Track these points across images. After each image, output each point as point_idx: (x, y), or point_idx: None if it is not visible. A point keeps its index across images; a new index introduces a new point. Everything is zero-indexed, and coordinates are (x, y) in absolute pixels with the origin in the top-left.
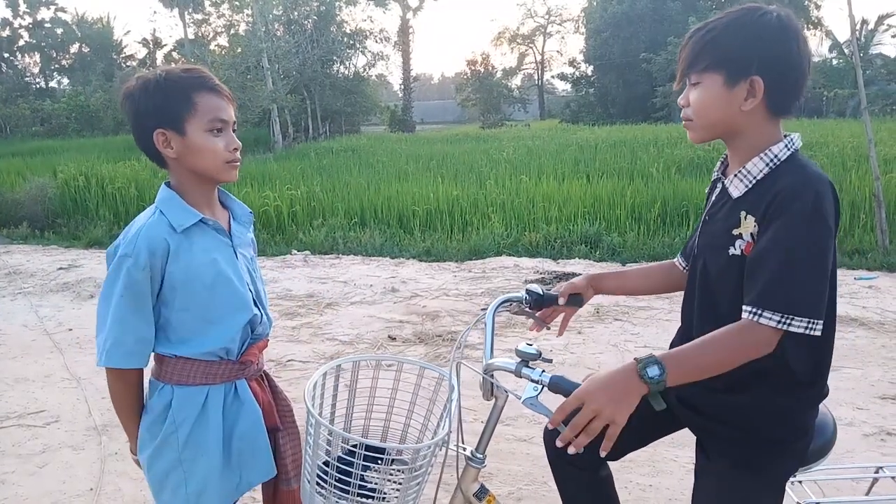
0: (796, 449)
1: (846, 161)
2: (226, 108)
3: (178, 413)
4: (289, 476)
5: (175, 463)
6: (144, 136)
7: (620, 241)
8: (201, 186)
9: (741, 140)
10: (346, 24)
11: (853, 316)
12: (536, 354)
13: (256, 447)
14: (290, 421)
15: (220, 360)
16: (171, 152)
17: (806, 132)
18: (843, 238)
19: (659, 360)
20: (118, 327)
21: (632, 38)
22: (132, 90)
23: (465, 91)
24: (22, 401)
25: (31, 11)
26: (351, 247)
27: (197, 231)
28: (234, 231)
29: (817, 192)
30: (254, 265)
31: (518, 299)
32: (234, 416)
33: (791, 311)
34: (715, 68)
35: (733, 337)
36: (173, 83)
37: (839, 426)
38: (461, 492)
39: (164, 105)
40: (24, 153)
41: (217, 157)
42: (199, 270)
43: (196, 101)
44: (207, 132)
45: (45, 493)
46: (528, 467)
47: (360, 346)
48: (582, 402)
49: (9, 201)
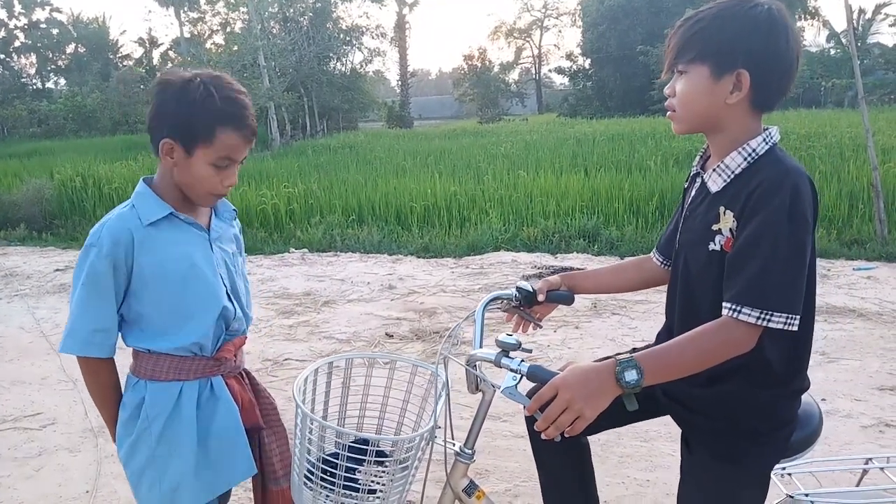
0: (776, 440)
1: (844, 151)
2: (241, 149)
3: (150, 408)
4: (277, 475)
5: (150, 459)
6: (157, 130)
7: (619, 235)
8: (180, 192)
9: (722, 134)
10: (342, 20)
11: (851, 307)
12: (516, 344)
13: (234, 445)
14: (275, 420)
15: (194, 355)
16: (168, 161)
17: (804, 122)
18: (842, 228)
19: (638, 363)
20: (77, 315)
21: (629, 31)
22: (170, 85)
23: (462, 86)
24: (18, 403)
25: (27, 12)
26: (349, 244)
27: (167, 225)
28: (213, 225)
29: (795, 187)
30: (235, 261)
31: (508, 296)
32: (210, 413)
33: (770, 307)
34: (702, 59)
35: (713, 335)
36: (207, 109)
37: (837, 418)
38: (450, 488)
39: (187, 123)
40: (22, 154)
41: (206, 188)
42: (171, 265)
43: (217, 136)
44: (211, 165)
45: (42, 496)
46: (526, 464)
47: (357, 344)
48: (556, 392)
49: (6, 203)
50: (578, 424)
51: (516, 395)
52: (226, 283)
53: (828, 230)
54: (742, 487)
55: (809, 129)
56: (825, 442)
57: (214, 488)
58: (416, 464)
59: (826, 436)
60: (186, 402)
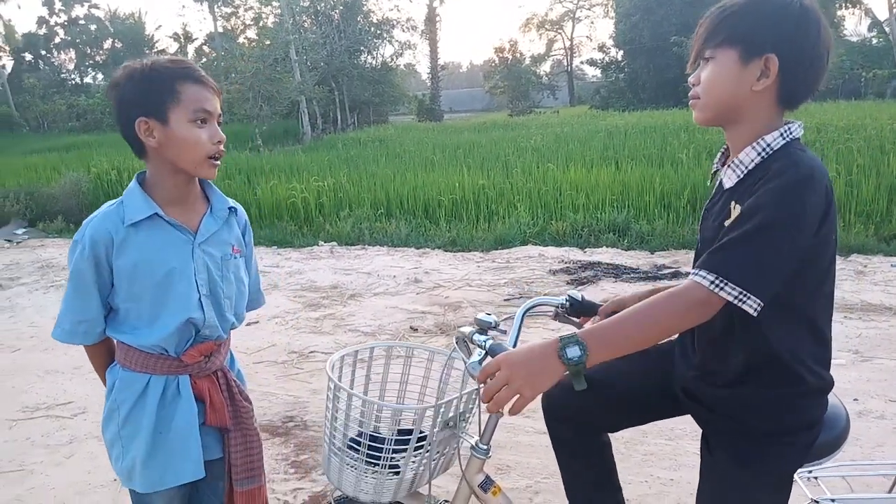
0: (797, 443)
1: (884, 144)
2: (211, 100)
3: (118, 393)
4: (239, 476)
5: (116, 437)
6: (128, 124)
7: (649, 229)
8: (176, 178)
9: (742, 126)
10: (372, 13)
11: (888, 304)
12: (492, 323)
13: (186, 446)
14: (247, 422)
15: (160, 354)
16: (152, 141)
17: (843, 114)
18: (880, 224)
19: (581, 340)
20: (64, 307)
21: (662, 22)
22: (118, 79)
23: (493, 79)
24: (51, 392)
25: (66, 9)
26: (377, 237)
27: (150, 225)
28: (202, 228)
29: (799, 176)
30: (224, 265)
31: (556, 303)
32: (172, 410)
33: (726, 275)
34: (730, 43)
35: (666, 300)
36: (158, 73)
37: (870, 419)
38: (466, 483)
39: (148, 94)
40: (60, 148)
41: (199, 149)
42: (147, 267)
43: (180, 91)
44: (191, 122)
45: (71, 483)
46: (547, 461)
47: (382, 337)
48: (498, 367)
49: (45, 196)
50: (519, 403)
51: (477, 369)
52: (201, 290)
53: (865, 225)
54: (761, 491)
55: (849, 121)
56: (856, 443)
57: (163, 481)
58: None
59: (858, 437)
60: (151, 395)
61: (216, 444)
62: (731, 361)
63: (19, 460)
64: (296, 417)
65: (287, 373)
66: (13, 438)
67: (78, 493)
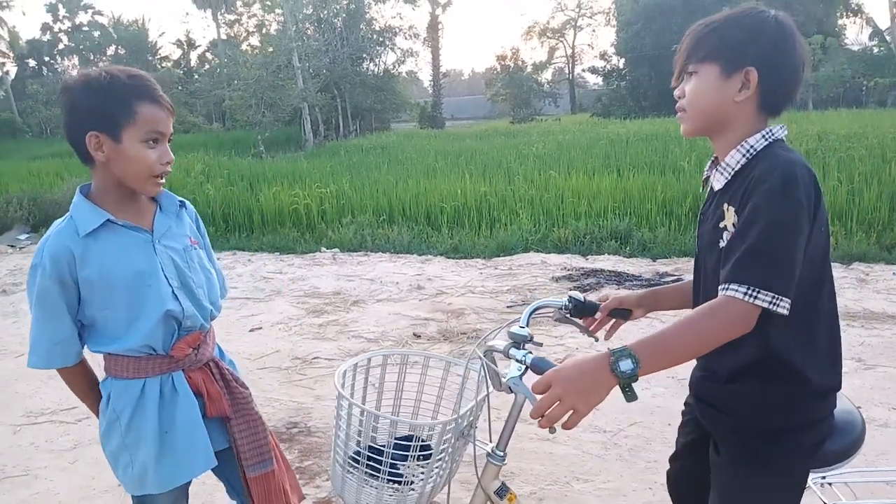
0: (803, 441)
1: (886, 152)
2: (165, 121)
3: (116, 403)
4: (249, 462)
5: (121, 446)
6: (77, 133)
7: (651, 237)
8: (121, 190)
9: (728, 134)
10: (375, 21)
11: (891, 312)
12: (527, 336)
13: (193, 438)
14: (246, 408)
15: (149, 355)
16: (101, 156)
17: (844, 123)
18: (882, 232)
19: (632, 352)
20: (35, 333)
21: (664, 30)
22: (72, 85)
23: (494, 86)
24: (56, 397)
25: (70, 16)
26: (379, 244)
27: (106, 232)
28: (157, 224)
29: (787, 174)
30: (188, 256)
31: (558, 305)
32: (172, 407)
33: (755, 283)
34: (712, 58)
35: (707, 316)
36: (116, 88)
37: (874, 427)
38: (482, 489)
39: (104, 109)
40: (63, 154)
41: (146, 169)
42: (114, 271)
43: (136, 111)
44: (142, 143)
45: (76, 487)
46: (551, 467)
47: (385, 344)
48: (550, 384)
49: (47, 202)
50: (573, 419)
51: (521, 385)
52: (172, 283)
53: (867, 233)
54: (769, 489)
55: (850, 129)
56: (860, 451)
57: (176, 478)
58: (443, 456)
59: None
60: (149, 397)
61: (221, 434)
62: (733, 358)
63: (24, 465)
64: (300, 423)
65: (290, 379)
66: (18, 443)
67: (83, 498)
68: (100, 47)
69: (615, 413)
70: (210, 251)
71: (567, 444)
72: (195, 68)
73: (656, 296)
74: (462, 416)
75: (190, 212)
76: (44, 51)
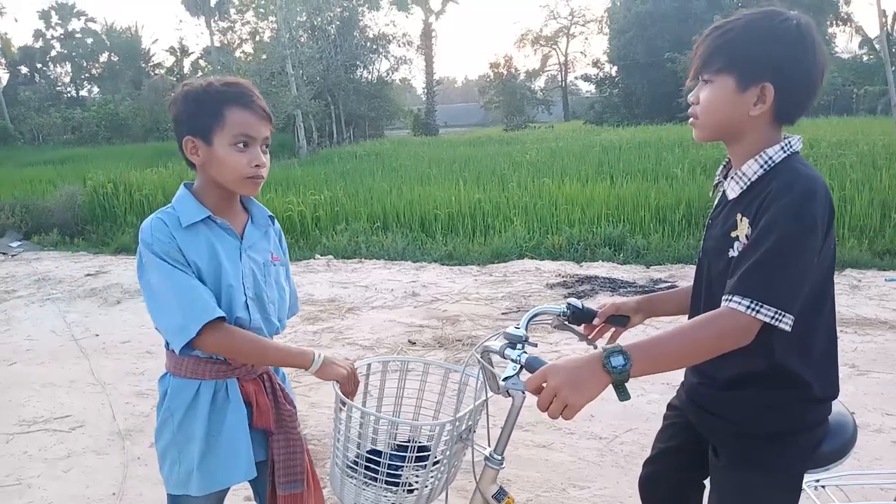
0: (800, 444)
1: (877, 160)
2: (255, 125)
3: (171, 401)
4: (280, 480)
5: (171, 443)
6: (179, 140)
7: (645, 244)
8: (219, 191)
9: (742, 143)
10: (368, 29)
11: (883, 318)
12: (522, 337)
13: (237, 447)
14: (290, 426)
15: (209, 358)
16: (197, 159)
17: (835, 130)
18: (874, 238)
19: (624, 350)
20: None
21: (656, 38)
22: (176, 97)
23: (488, 94)
24: (49, 406)
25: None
26: (373, 251)
27: (204, 228)
28: (247, 234)
29: (806, 190)
30: (266, 270)
31: (556, 312)
32: (222, 413)
33: (759, 297)
34: (728, 70)
35: (706, 325)
36: (209, 95)
37: (868, 432)
38: (480, 493)
39: (197, 115)
40: (56, 161)
41: (237, 171)
42: (203, 266)
43: (225, 116)
44: (232, 146)
45: (69, 497)
46: (547, 474)
47: (380, 351)
48: (545, 379)
49: (40, 209)
50: (567, 412)
51: (518, 383)
52: (247, 292)
53: (859, 240)
54: (769, 491)
55: (841, 136)
56: (854, 456)
57: (215, 483)
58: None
59: (856, 450)
60: (202, 400)
61: (261, 446)
62: (734, 365)
63: (17, 474)
64: None
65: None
66: (10, 452)
67: None
68: (93, 54)
69: (611, 420)
70: (288, 269)
71: (563, 451)
72: (188, 75)
73: (653, 302)
74: (460, 419)
75: (276, 229)
76: (36, 57)
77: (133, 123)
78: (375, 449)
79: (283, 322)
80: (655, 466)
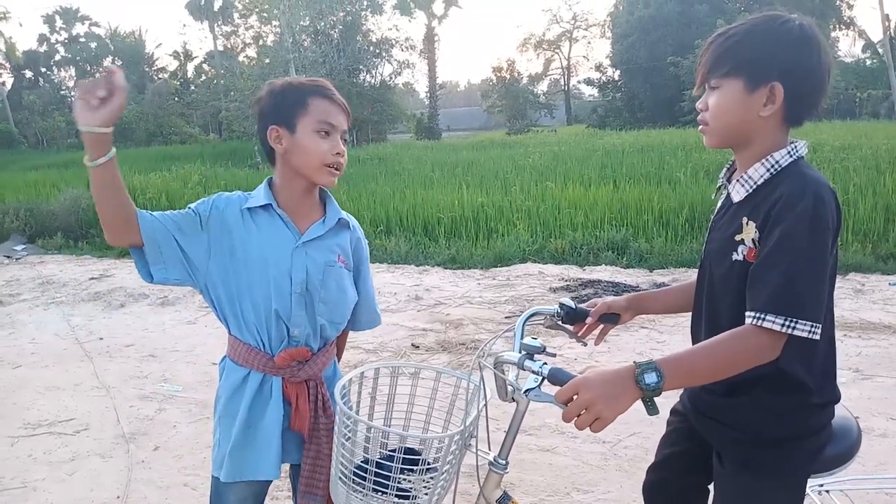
0: (803, 449)
1: (880, 164)
2: (336, 115)
3: (224, 382)
4: (303, 488)
5: (217, 422)
6: (263, 133)
7: (648, 248)
8: (297, 182)
9: (751, 147)
10: (371, 33)
11: (887, 322)
12: (540, 348)
13: (267, 445)
14: (324, 438)
15: (258, 349)
16: (280, 147)
17: (838, 134)
18: (877, 242)
19: (658, 366)
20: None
21: (659, 42)
22: (261, 95)
23: (490, 98)
24: (53, 409)
25: (67, 27)
26: (376, 255)
27: (264, 215)
28: (311, 230)
29: (817, 196)
30: (327, 270)
31: (549, 312)
32: (262, 408)
33: (795, 314)
34: (736, 73)
35: (735, 343)
36: (293, 88)
37: (872, 437)
38: (484, 498)
39: (282, 105)
40: (59, 165)
41: (318, 157)
42: (249, 248)
43: (309, 103)
44: (315, 132)
45: (74, 500)
46: (551, 478)
47: (384, 355)
48: (576, 391)
49: (44, 212)
50: (598, 425)
51: (541, 395)
52: (295, 287)
53: (863, 244)
54: (774, 494)
55: (844, 140)
56: (859, 461)
57: (240, 474)
58: (448, 468)
59: (860, 455)
60: (248, 389)
61: (297, 450)
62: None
63: (21, 477)
64: None
65: None
66: (15, 455)
67: None
68: (97, 58)
69: (614, 424)
70: (365, 277)
71: (567, 455)
72: (192, 79)
73: (642, 300)
74: (466, 428)
75: (353, 233)
76: (40, 62)
77: (137, 127)
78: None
79: (337, 326)
80: (660, 473)
